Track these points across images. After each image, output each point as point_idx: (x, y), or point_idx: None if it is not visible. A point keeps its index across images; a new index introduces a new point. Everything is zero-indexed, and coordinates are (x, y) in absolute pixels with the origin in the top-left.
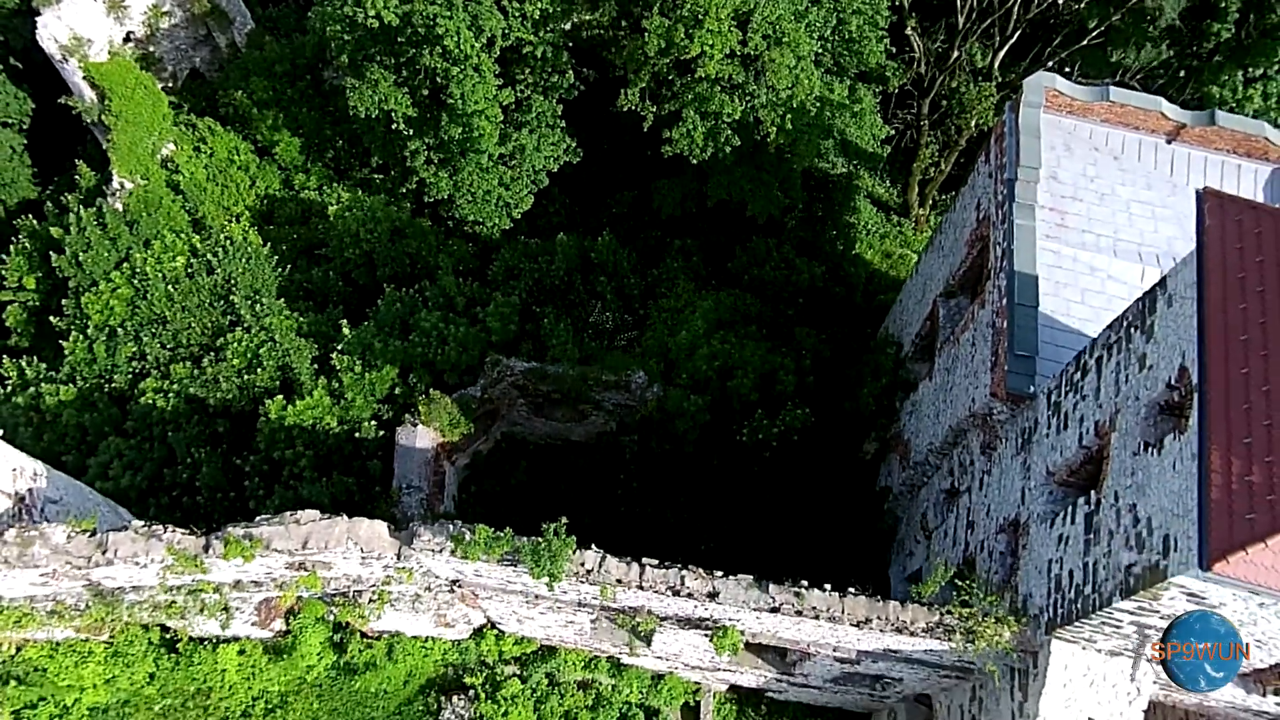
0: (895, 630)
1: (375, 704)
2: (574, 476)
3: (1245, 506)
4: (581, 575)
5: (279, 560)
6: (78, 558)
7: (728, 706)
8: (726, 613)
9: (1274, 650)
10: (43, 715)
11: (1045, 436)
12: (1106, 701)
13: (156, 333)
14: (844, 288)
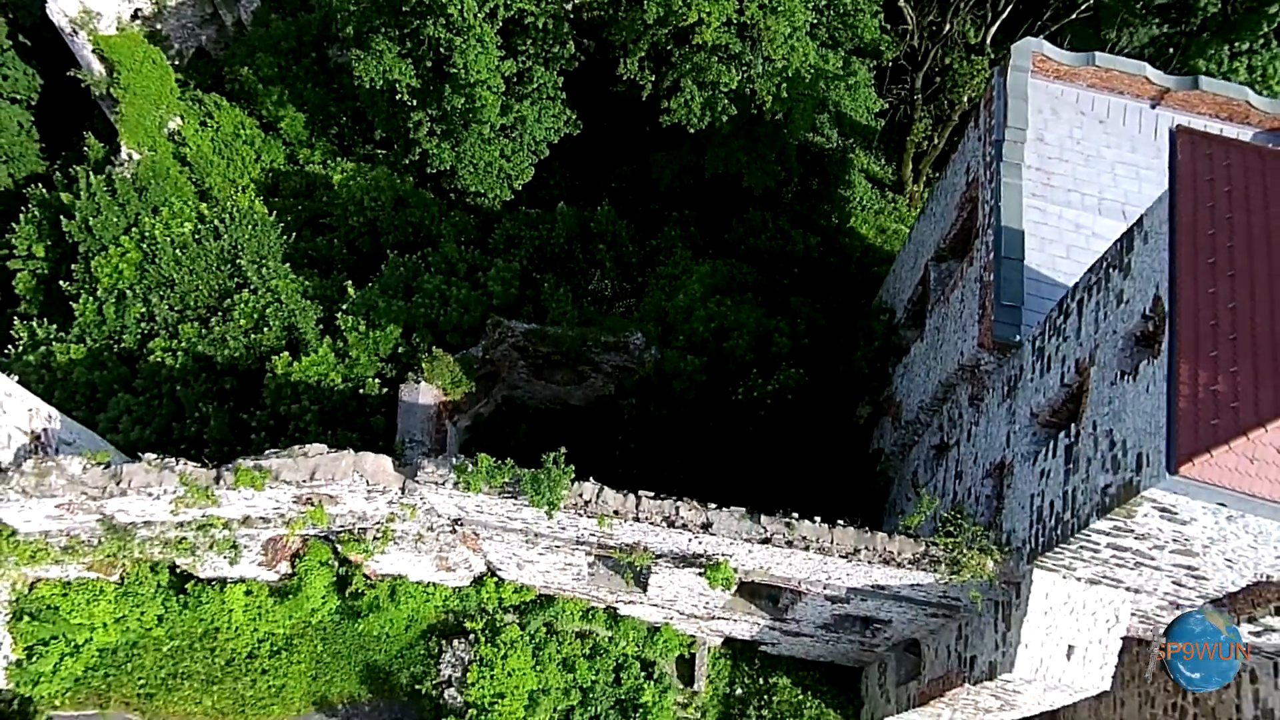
0: (883, 562)
1: (378, 647)
2: (573, 439)
3: (1211, 414)
4: (580, 507)
5: (287, 493)
6: (93, 488)
7: (722, 661)
8: (719, 546)
9: (1244, 570)
10: (54, 653)
11: (1029, 381)
12: (1086, 629)
13: (165, 295)
14: (838, 258)
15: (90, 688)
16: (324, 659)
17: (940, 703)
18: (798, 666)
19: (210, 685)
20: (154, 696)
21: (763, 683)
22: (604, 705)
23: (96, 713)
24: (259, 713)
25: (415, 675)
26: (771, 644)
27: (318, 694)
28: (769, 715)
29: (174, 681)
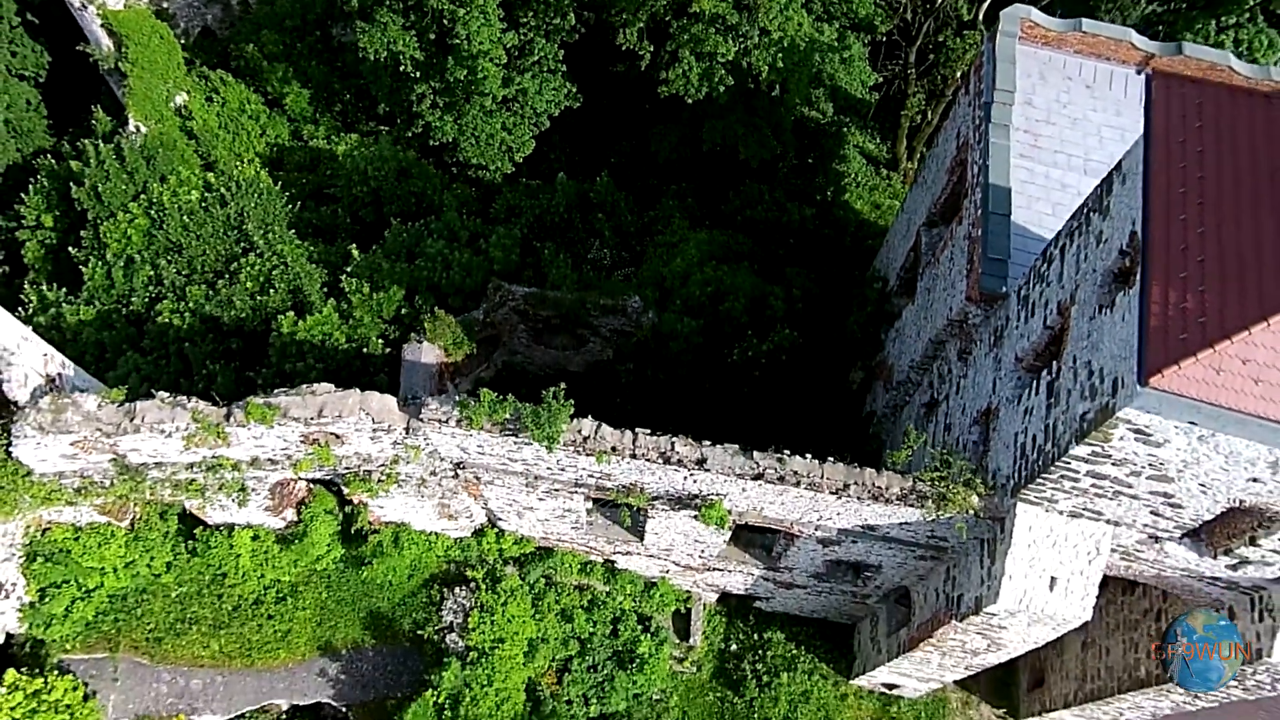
0: (872, 498)
1: (381, 595)
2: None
3: (1179, 329)
4: (578, 443)
5: (294, 431)
6: (107, 424)
7: (717, 618)
8: (713, 484)
9: (1218, 496)
10: (66, 596)
11: (1015, 329)
12: (1068, 560)
13: (172, 260)
14: (833, 230)
15: (100, 632)
16: (328, 606)
17: (929, 645)
18: (791, 623)
19: (218, 630)
20: (162, 641)
21: (757, 638)
22: (601, 656)
23: (106, 656)
24: (265, 657)
25: (417, 621)
26: (765, 598)
27: (322, 639)
28: (763, 669)
29: (182, 626)
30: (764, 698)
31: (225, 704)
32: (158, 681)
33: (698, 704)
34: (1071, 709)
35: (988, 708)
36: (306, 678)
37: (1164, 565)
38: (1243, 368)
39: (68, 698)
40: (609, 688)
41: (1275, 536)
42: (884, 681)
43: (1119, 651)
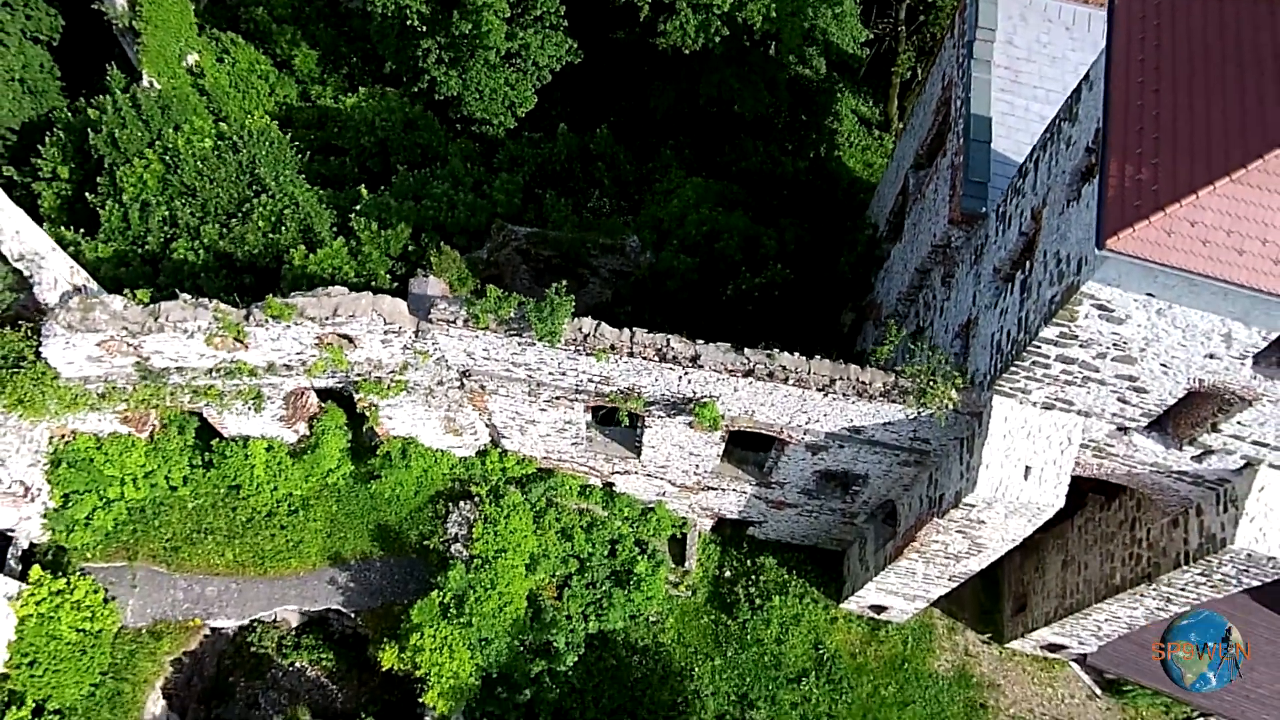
0: (857, 394)
1: (389, 509)
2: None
3: (1134, 197)
4: (579, 341)
5: (309, 331)
6: (133, 323)
7: (712, 546)
8: (707, 385)
9: (1179, 375)
10: (88, 503)
11: (993, 244)
12: (1041, 450)
13: (187, 202)
14: (825, 183)
15: (119, 542)
16: (338, 518)
17: (913, 553)
18: (783, 549)
19: (232, 540)
20: (179, 550)
21: (750, 564)
22: (600, 574)
23: (125, 564)
24: (277, 565)
25: (423, 533)
26: (758, 522)
27: (332, 550)
28: (756, 593)
29: (198, 536)
30: (756, 620)
31: (239, 609)
32: (174, 588)
33: (693, 626)
34: (1052, 626)
35: (973, 633)
36: (317, 585)
37: (1134, 460)
38: (1191, 230)
39: (88, 599)
40: (607, 604)
41: (1235, 421)
42: (872, 603)
43: (1096, 564)
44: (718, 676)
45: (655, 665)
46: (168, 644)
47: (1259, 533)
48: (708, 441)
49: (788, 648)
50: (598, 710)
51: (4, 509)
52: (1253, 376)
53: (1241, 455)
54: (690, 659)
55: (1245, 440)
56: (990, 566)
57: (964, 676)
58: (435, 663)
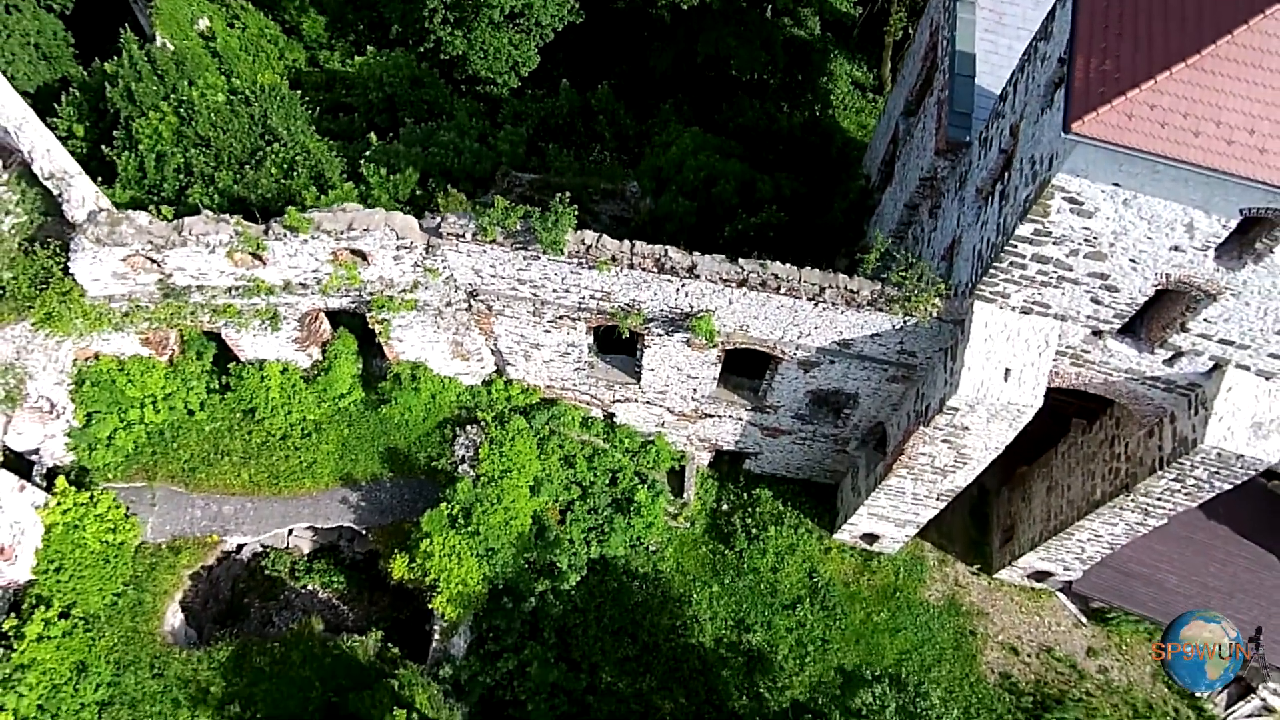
0: (846, 303)
1: (398, 434)
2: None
3: (1098, 85)
4: (582, 253)
5: (325, 247)
6: (158, 237)
7: (710, 482)
8: (703, 297)
9: (1147, 272)
10: (109, 424)
11: (976, 167)
12: (1020, 353)
13: (201, 152)
14: (819, 139)
15: (139, 463)
16: (350, 442)
17: (902, 469)
18: (779, 483)
19: (248, 461)
20: (196, 471)
21: (746, 497)
22: (601, 501)
23: (144, 485)
24: (291, 485)
25: (431, 456)
26: (754, 454)
27: (344, 471)
28: (752, 523)
29: (215, 457)
30: (753, 549)
31: (254, 527)
32: (192, 507)
33: (691, 555)
34: (1038, 550)
35: (962, 565)
36: (329, 504)
37: (1110, 367)
38: (1150, 113)
39: (110, 513)
40: (608, 530)
41: (1201, 318)
42: (864, 532)
43: (1079, 485)
44: (715, 603)
45: (655, 590)
46: (186, 558)
47: (1227, 431)
48: (704, 361)
49: (783, 576)
50: (599, 629)
51: (31, 425)
52: (1216, 269)
53: (1210, 356)
54: (689, 586)
55: (1212, 339)
56: (979, 502)
57: (954, 605)
58: (444, 568)
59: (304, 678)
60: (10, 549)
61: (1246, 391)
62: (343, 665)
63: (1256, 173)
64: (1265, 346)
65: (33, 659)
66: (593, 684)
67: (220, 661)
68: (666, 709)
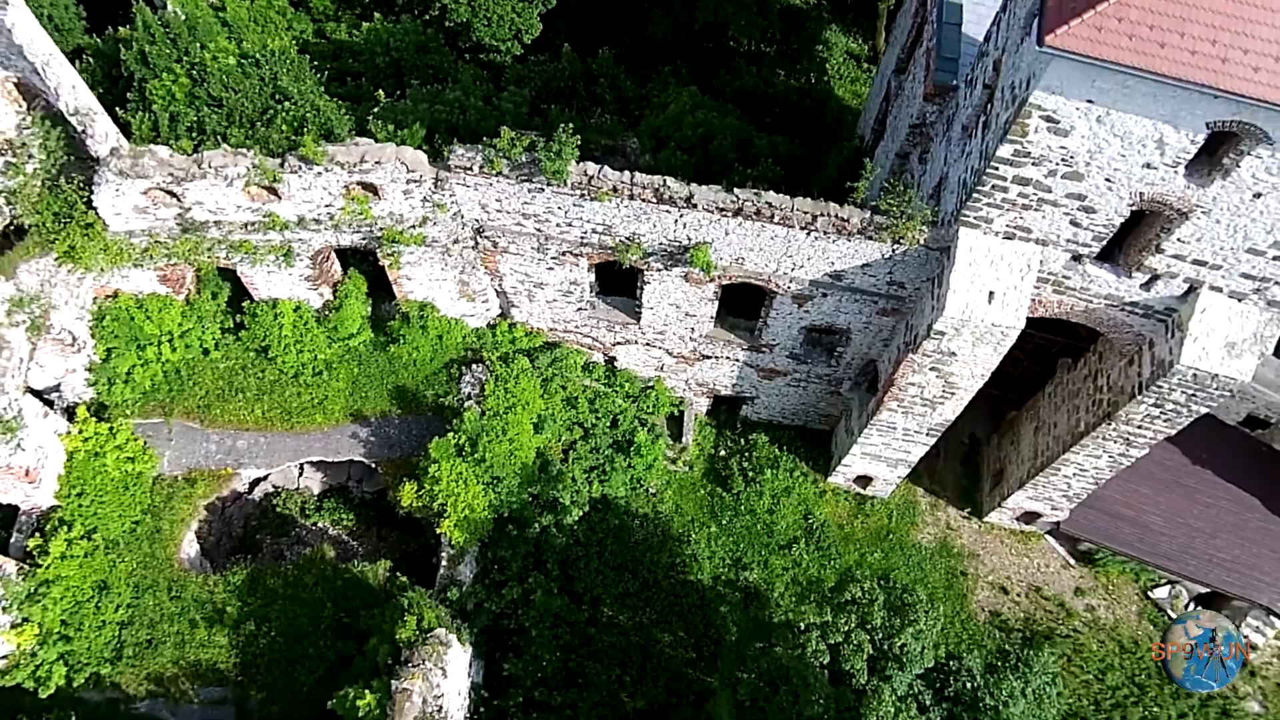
0: (837, 231)
1: (406, 373)
2: None
3: (1070, 3)
4: (584, 184)
5: (338, 180)
6: (178, 169)
7: (707, 429)
8: (700, 228)
9: (1122, 191)
10: (128, 360)
11: (962, 107)
12: (1004, 277)
13: (214, 112)
14: (814, 103)
15: (156, 400)
16: (359, 380)
17: (892, 401)
18: (775, 429)
19: (261, 397)
20: (211, 407)
21: (744, 442)
22: (602, 442)
23: (161, 420)
24: (303, 421)
25: (438, 393)
26: (750, 399)
27: (353, 408)
28: (749, 467)
29: (229, 394)
30: (749, 492)
31: (268, 460)
32: (207, 442)
33: (690, 498)
34: (1026, 489)
35: (954, 510)
36: (340, 439)
37: (1090, 294)
38: (1119, 25)
39: (129, 445)
40: (609, 469)
41: (1175, 239)
42: (858, 474)
43: (1064, 421)
44: (713, 542)
45: (655, 530)
46: (202, 488)
47: (1202, 351)
48: (702, 298)
49: (779, 517)
50: (601, 563)
51: (53, 358)
52: (1186, 186)
53: (1184, 278)
54: (688, 527)
55: (1186, 260)
56: (970, 451)
57: (945, 547)
58: (451, 493)
59: (316, 598)
60: (35, 472)
61: (1220, 313)
62: (354, 587)
63: (1219, 81)
64: (1236, 266)
65: (57, 575)
66: (594, 616)
67: (235, 585)
68: (665, 641)
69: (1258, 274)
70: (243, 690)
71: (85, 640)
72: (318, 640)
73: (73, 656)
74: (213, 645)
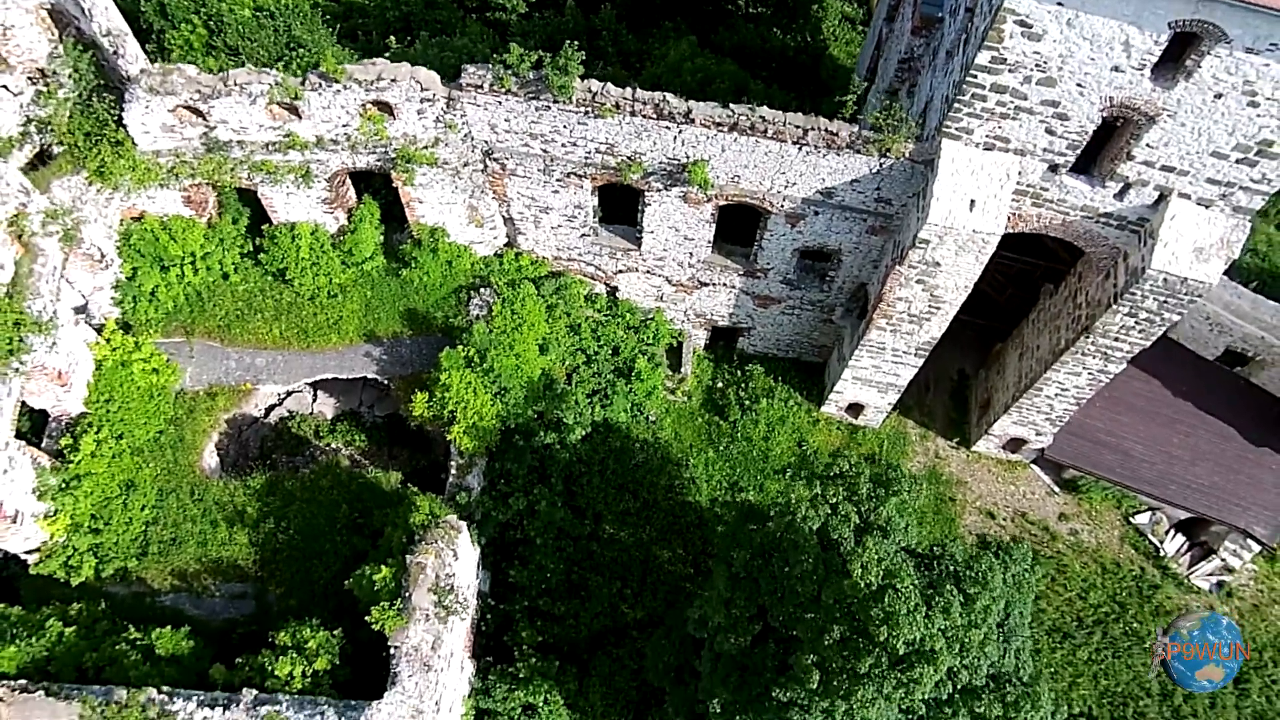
0: (827, 145)
1: (417, 297)
2: None
3: None
4: (589, 99)
5: (356, 98)
6: (206, 86)
7: (705, 363)
8: (698, 145)
9: (1093, 95)
10: (152, 279)
11: (946, 36)
12: (984, 185)
13: (230, 59)
14: (810, 59)
15: (178, 321)
16: (372, 303)
17: (881, 318)
18: (770, 361)
19: (279, 317)
20: (231, 327)
21: (740, 374)
22: (604, 368)
23: (183, 340)
24: (319, 340)
25: (448, 315)
26: (747, 330)
27: (367, 329)
28: (745, 396)
29: (248, 315)
30: (745, 420)
31: (285, 376)
32: (227, 359)
33: (688, 426)
34: (1010, 414)
35: (942, 440)
36: (354, 358)
37: (1067, 205)
38: None
39: (154, 358)
40: (611, 394)
41: (1144, 144)
42: (850, 402)
43: (1046, 342)
44: (710, 467)
45: (654, 454)
46: (222, 401)
47: (1171, 256)
48: (700, 219)
49: (774, 444)
50: (603, 481)
51: (83, 273)
52: (1153, 89)
53: (1154, 186)
54: (686, 452)
55: (1155, 166)
56: (959, 386)
57: (934, 474)
58: (461, 399)
59: (332, 500)
60: (66, 375)
61: (1188, 219)
62: (368, 490)
63: None
64: (1202, 171)
65: (88, 470)
66: (596, 532)
67: (255, 489)
68: (664, 557)
69: (1222, 178)
70: (262, 585)
71: (113, 534)
72: (334, 537)
73: (101, 549)
74: (233, 543)
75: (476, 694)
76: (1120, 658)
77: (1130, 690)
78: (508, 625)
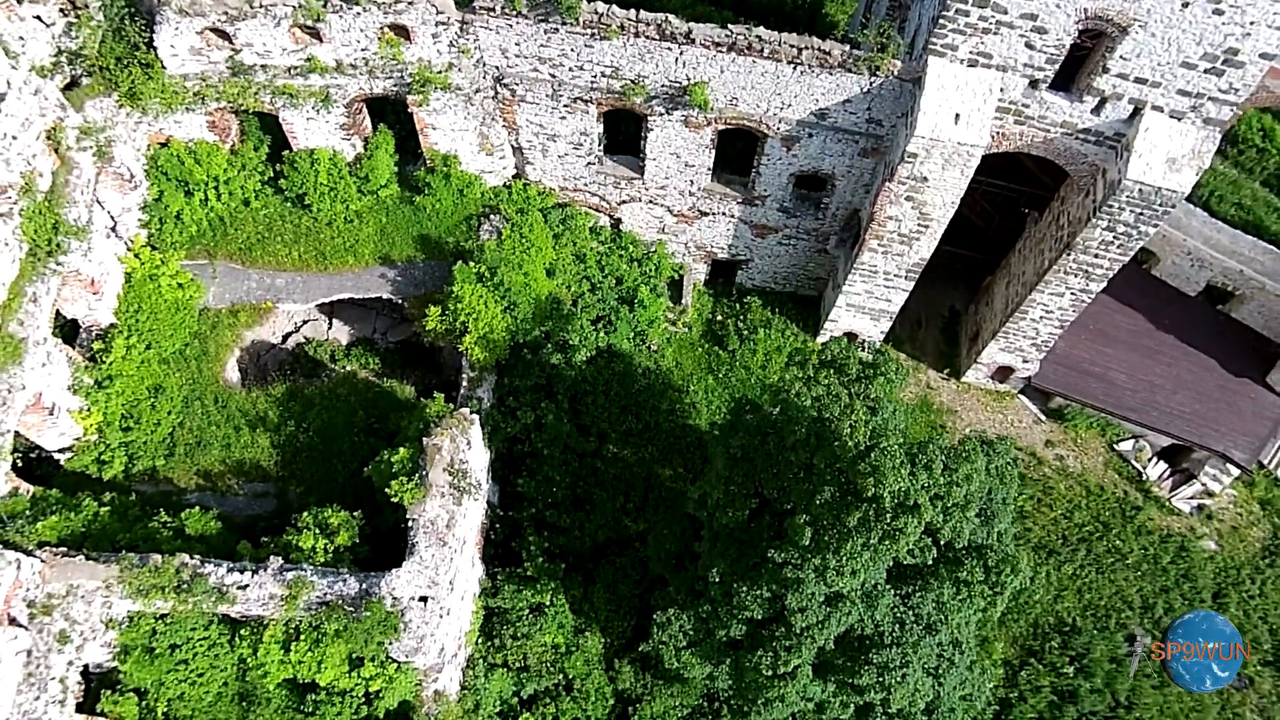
0: (820, 65)
1: (430, 224)
2: None
3: None
4: (595, 21)
5: (374, 21)
6: (232, 6)
7: (705, 297)
8: (698, 66)
9: (1068, 5)
10: (177, 201)
11: None
12: (968, 100)
13: None
14: (806, 13)
15: (201, 244)
16: (387, 229)
17: (873, 239)
18: (768, 294)
19: (298, 241)
20: (252, 250)
21: (739, 306)
22: (609, 295)
23: (206, 262)
24: (336, 262)
25: (459, 240)
26: (745, 262)
27: (382, 253)
28: (744, 327)
29: (268, 238)
30: (744, 349)
31: (304, 296)
32: (248, 280)
33: (689, 356)
34: (998, 340)
35: (934, 372)
36: (369, 279)
37: (1047, 122)
38: None
39: (179, 274)
40: (615, 320)
41: (1118, 57)
42: (844, 330)
43: (1031, 267)
44: (710, 393)
45: (656, 379)
46: (244, 318)
47: (1146, 166)
48: (700, 144)
49: (770, 372)
50: (607, 400)
51: (113, 193)
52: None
53: (1129, 99)
54: (686, 379)
55: (1129, 79)
56: (950, 322)
57: (926, 404)
58: (473, 310)
59: (350, 405)
60: (99, 283)
61: (1161, 131)
62: (384, 397)
63: None
64: (1173, 82)
65: (119, 371)
66: (600, 449)
67: (276, 397)
68: (666, 475)
69: (1192, 89)
70: (283, 484)
71: (143, 433)
72: (351, 438)
73: (132, 447)
74: (256, 446)
75: (486, 594)
76: (1104, 574)
77: (1112, 603)
78: (516, 533)
